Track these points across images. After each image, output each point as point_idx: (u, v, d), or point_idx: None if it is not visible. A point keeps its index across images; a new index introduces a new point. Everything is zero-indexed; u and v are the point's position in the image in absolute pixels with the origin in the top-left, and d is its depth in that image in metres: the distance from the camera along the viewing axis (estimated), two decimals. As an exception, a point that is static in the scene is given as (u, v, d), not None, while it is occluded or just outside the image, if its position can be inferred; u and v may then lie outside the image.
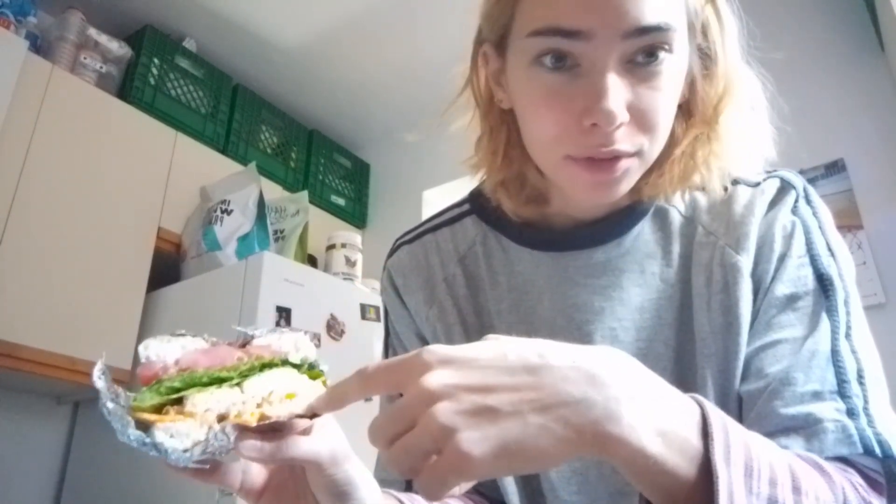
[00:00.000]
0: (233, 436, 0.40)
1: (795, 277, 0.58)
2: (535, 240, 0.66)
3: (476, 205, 0.72)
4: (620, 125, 0.51)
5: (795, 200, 0.61)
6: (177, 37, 2.51)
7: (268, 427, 0.42)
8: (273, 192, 2.55)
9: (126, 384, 0.44)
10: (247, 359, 0.44)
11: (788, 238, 0.59)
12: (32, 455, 2.07)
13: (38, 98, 1.96)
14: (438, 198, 2.78)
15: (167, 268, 2.20)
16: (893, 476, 0.48)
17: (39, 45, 2.15)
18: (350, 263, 2.46)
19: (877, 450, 0.47)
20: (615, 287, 0.63)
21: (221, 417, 0.40)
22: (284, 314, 1.90)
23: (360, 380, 0.40)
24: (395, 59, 2.65)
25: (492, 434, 0.34)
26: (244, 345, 0.46)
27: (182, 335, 0.43)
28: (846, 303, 0.56)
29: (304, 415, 0.43)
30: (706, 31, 0.57)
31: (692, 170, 0.60)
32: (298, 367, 0.46)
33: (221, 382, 0.41)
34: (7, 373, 1.80)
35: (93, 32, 2.22)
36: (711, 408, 0.40)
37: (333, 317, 2.05)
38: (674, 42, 0.52)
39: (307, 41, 2.57)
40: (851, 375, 0.52)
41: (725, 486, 0.36)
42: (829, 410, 0.50)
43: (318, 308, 2.02)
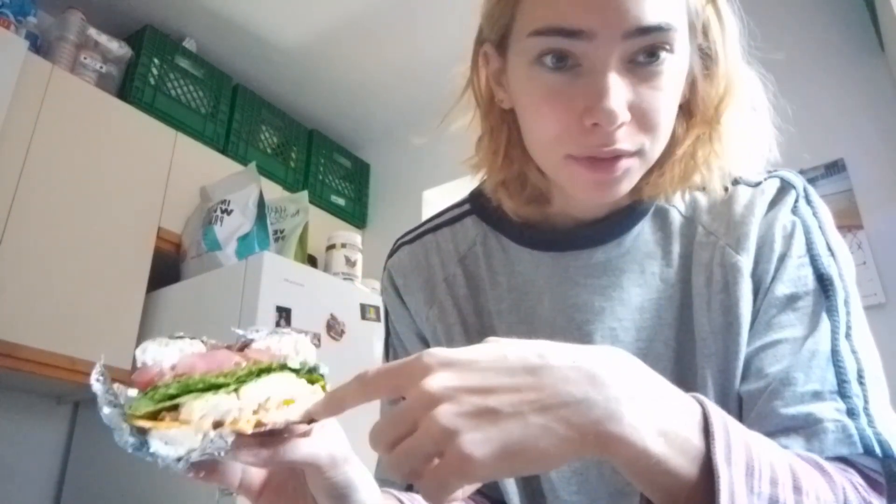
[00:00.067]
0: (229, 441, 0.40)
1: (795, 277, 0.58)
2: (536, 240, 0.66)
3: (476, 205, 0.72)
4: (622, 125, 0.51)
5: (795, 200, 0.61)
6: (177, 37, 2.51)
7: (265, 432, 0.42)
8: (273, 192, 2.55)
9: (127, 384, 0.43)
10: (245, 363, 0.43)
11: (788, 238, 0.59)
12: (32, 455, 2.07)
13: (38, 98, 1.96)
14: (438, 198, 2.78)
15: (167, 268, 2.20)
16: (893, 476, 0.48)
17: (39, 45, 2.15)
18: (350, 263, 2.46)
19: (877, 450, 0.47)
20: (615, 287, 0.63)
21: (217, 424, 0.40)
22: (284, 314, 1.90)
23: (360, 385, 0.40)
24: (395, 59, 2.65)
25: (493, 435, 0.34)
26: (243, 348, 0.45)
27: (180, 338, 0.43)
28: (846, 303, 0.56)
29: (301, 421, 0.43)
30: (707, 31, 0.57)
31: (693, 170, 0.60)
32: (297, 372, 0.46)
33: (218, 388, 0.41)
34: (7, 373, 1.80)
35: (93, 32, 2.22)
36: (712, 407, 0.40)
37: (333, 317, 2.05)
38: (675, 42, 0.52)
39: (307, 41, 2.57)
40: (851, 375, 0.52)
41: (727, 486, 0.36)
42: (830, 410, 0.50)
43: (318, 308, 2.02)
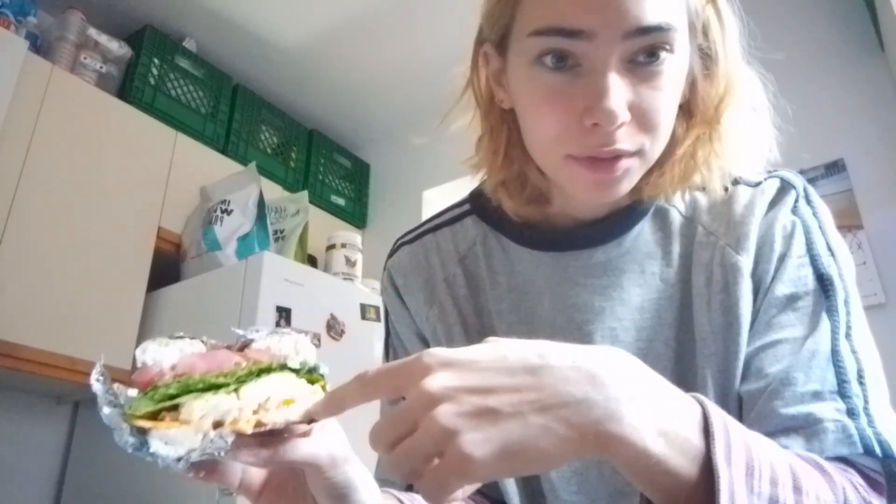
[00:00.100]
0: (229, 441, 0.40)
1: (795, 277, 0.58)
2: (536, 240, 0.66)
3: (476, 205, 0.71)
4: (622, 125, 0.51)
5: (795, 200, 0.61)
6: (177, 37, 2.51)
7: (265, 433, 0.42)
8: (273, 192, 2.55)
9: (127, 384, 0.43)
10: (245, 363, 0.43)
11: (788, 238, 0.59)
12: (32, 455, 2.07)
13: (38, 98, 1.96)
14: (438, 198, 2.78)
15: (167, 268, 2.20)
16: (893, 476, 0.48)
17: (39, 45, 2.15)
18: (350, 263, 2.46)
19: (877, 449, 0.47)
20: (615, 287, 0.63)
21: (217, 424, 0.40)
22: (284, 314, 1.90)
23: (360, 385, 0.40)
24: (395, 59, 2.65)
25: (493, 435, 0.34)
26: (243, 348, 0.45)
27: (180, 338, 0.43)
28: (846, 303, 0.56)
29: (301, 421, 0.43)
30: (707, 31, 0.57)
31: (693, 170, 0.60)
32: (297, 372, 0.46)
33: (218, 388, 0.41)
34: (7, 373, 1.80)
35: (93, 32, 2.22)
36: (712, 407, 0.40)
37: (333, 317, 2.05)
38: (675, 42, 0.52)
39: (307, 41, 2.57)
40: (851, 375, 0.52)
41: (727, 486, 0.36)
42: (830, 410, 0.50)
43: (318, 308, 2.02)
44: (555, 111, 0.53)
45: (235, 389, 0.41)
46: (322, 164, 2.91)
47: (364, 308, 2.16)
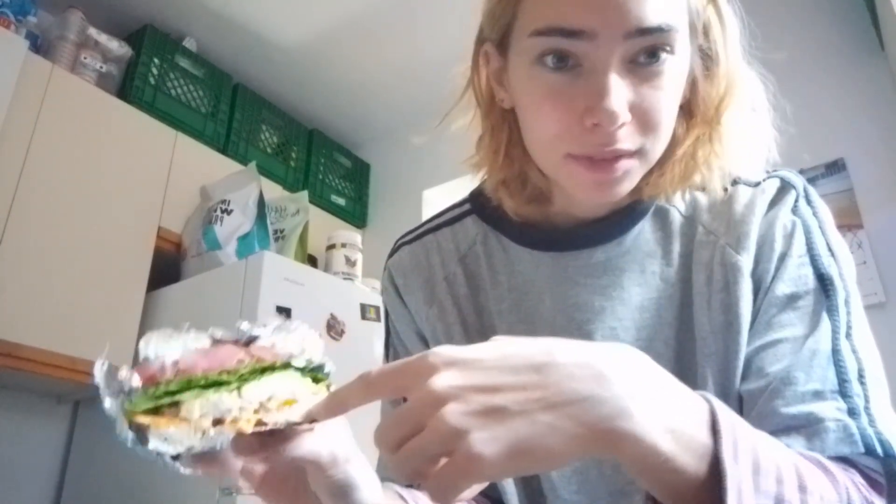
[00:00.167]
0: (229, 440, 0.40)
1: (796, 277, 0.58)
2: (536, 239, 0.66)
3: (476, 204, 0.71)
4: (622, 125, 0.51)
5: (796, 200, 0.61)
6: (177, 36, 2.51)
7: (265, 432, 0.42)
8: (273, 192, 2.55)
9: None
10: (248, 361, 0.43)
11: (789, 237, 0.59)
12: (32, 455, 2.07)
13: (38, 98, 1.96)
14: (438, 197, 2.77)
15: (167, 267, 2.20)
16: (894, 475, 0.48)
17: (39, 45, 2.15)
18: (350, 263, 2.46)
19: (878, 449, 0.47)
20: (615, 286, 0.63)
21: (218, 422, 0.39)
22: (284, 314, 1.90)
23: (363, 385, 0.39)
24: (396, 59, 2.65)
25: (501, 434, 0.34)
26: (249, 343, 0.45)
27: (186, 331, 0.42)
28: (847, 303, 0.56)
29: (303, 422, 0.42)
30: (708, 32, 0.57)
31: (693, 170, 0.60)
32: (302, 371, 0.45)
33: (219, 386, 0.40)
34: (7, 372, 1.80)
35: (93, 32, 2.22)
36: (719, 404, 0.40)
37: (333, 317, 2.05)
38: (675, 43, 0.52)
39: (307, 41, 2.57)
40: (852, 375, 0.52)
41: (734, 485, 0.36)
42: (831, 410, 0.50)
43: (318, 308, 2.02)
44: (556, 111, 0.53)
45: (237, 388, 0.41)
46: (322, 164, 2.91)
47: (364, 308, 2.16)
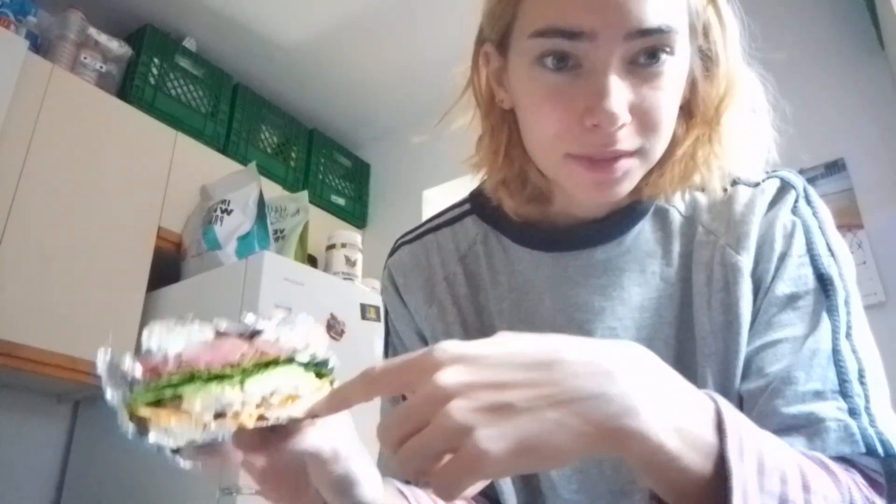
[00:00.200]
0: (230, 434, 0.39)
1: (796, 276, 0.58)
2: (535, 240, 0.66)
3: (476, 204, 0.71)
4: (622, 126, 0.51)
5: (795, 200, 0.61)
6: (177, 36, 2.51)
7: (266, 427, 0.42)
8: (273, 192, 2.55)
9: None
10: (251, 354, 0.42)
11: (789, 237, 0.59)
12: (33, 454, 2.07)
13: (38, 98, 1.96)
14: (438, 197, 2.77)
15: (167, 267, 2.20)
16: (894, 475, 0.48)
17: (39, 45, 2.15)
18: (350, 263, 2.46)
19: (879, 449, 0.47)
20: (615, 286, 0.63)
21: (219, 416, 0.39)
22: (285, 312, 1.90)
23: (366, 381, 0.39)
24: (396, 59, 2.65)
25: (509, 431, 0.34)
26: (253, 336, 0.44)
27: (190, 323, 0.42)
28: (847, 303, 0.56)
29: (304, 418, 0.42)
30: (707, 33, 0.57)
31: (692, 170, 0.60)
32: (306, 366, 0.45)
33: (222, 380, 0.40)
34: (7, 372, 1.80)
35: (93, 32, 2.22)
36: (725, 403, 0.40)
37: (333, 316, 2.05)
38: (675, 44, 0.52)
39: (307, 40, 2.57)
40: (853, 375, 0.52)
41: (740, 484, 0.36)
42: (831, 409, 0.50)
43: (318, 308, 2.02)
44: (555, 111, 0.53)
45: (240, 382, 0.41)
46: (322, 164, 2.91)
47: (364, 308, 2.16)
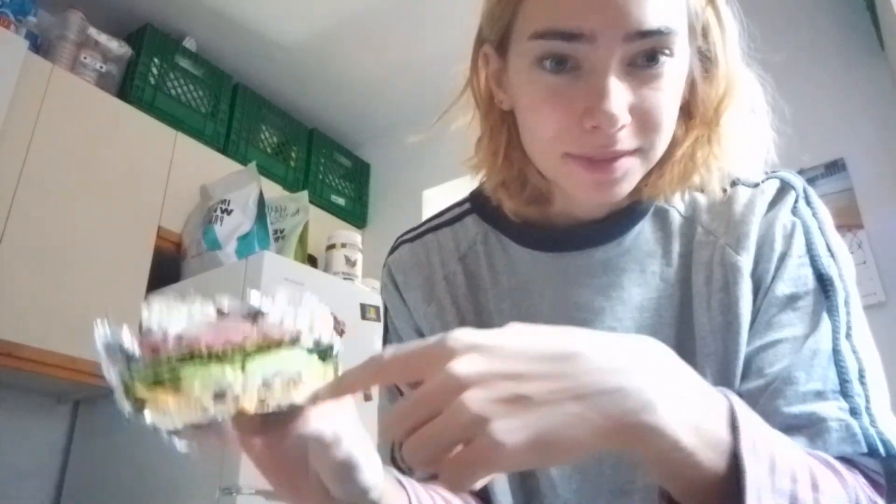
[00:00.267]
0: (229, 418, 0.38)
1: (796, 277, 0.58)
2: (535, 240, 0.66)
3: (477, 204, 0.72)
4: (622, 127, 0.51)
5: (795, 201, 0.62)
6: (177, 36, 2.51)
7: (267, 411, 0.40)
8: (273, 192, 2.55)
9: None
10: (254, 336, 0.41)
11: (788, 238, 0.59)
12: (33, 454, 2.07)
13: (38, 98, 1.96)
14: (439, 197, 2.77)
15: (167, 267, 2.20)
16: (894, 475, 0.48)
17: (39, 45, 2.15)
18: (350, 263, 2.46)
19: (881, 449, 0.48)
20: (615, 286, 0.63)
21: (218, 398, 0.38)
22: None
23: (374, 368, 0.38)
24: (396, 58, 2.65)
25: (529, 423, 0.33)
26: (256, 317, 0.43)
27: (192, 301, 0.41)
28: (846, 303, 0.56)
29: (306, 403, 0.41)
30: (707, 34, 0.57)
31: (692, 171, 0.60)
32: (309, 350, 0.44)
33: (222, 362, 0.39)
34: (7, 372, 1.80)
35: (93, 32, 2.22)
36: (738, 401, 0.40)
37: (333, 317, 2.04)
38: (675, 45, 0.52)
39: (307, 40, 2.57)
40: (853, 375, 0.52)
41: (754, 482, 0.37)
42: (833, 409, 0.50)
43: (319, 308, 2.02)
44: (555, 112, 0.53)
45: (241, 364, 0.40)
46: (322, 164, 2.91)
47: (364, 308, 2.16)
